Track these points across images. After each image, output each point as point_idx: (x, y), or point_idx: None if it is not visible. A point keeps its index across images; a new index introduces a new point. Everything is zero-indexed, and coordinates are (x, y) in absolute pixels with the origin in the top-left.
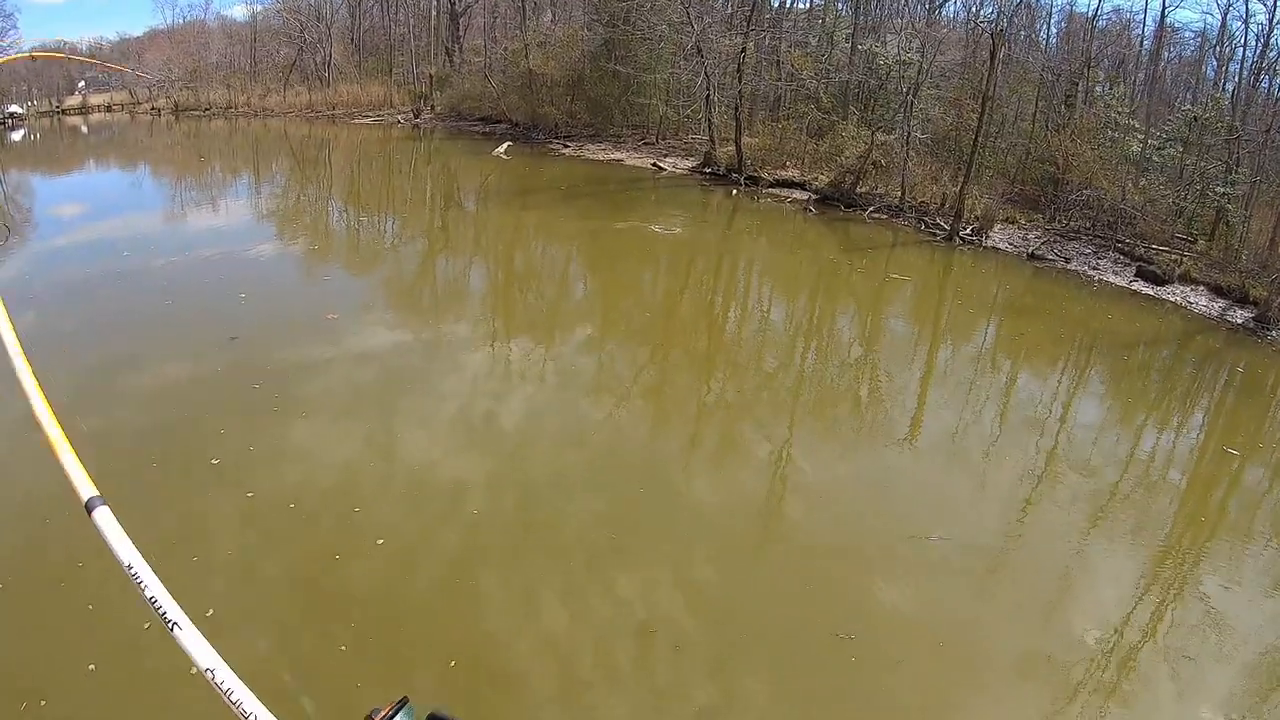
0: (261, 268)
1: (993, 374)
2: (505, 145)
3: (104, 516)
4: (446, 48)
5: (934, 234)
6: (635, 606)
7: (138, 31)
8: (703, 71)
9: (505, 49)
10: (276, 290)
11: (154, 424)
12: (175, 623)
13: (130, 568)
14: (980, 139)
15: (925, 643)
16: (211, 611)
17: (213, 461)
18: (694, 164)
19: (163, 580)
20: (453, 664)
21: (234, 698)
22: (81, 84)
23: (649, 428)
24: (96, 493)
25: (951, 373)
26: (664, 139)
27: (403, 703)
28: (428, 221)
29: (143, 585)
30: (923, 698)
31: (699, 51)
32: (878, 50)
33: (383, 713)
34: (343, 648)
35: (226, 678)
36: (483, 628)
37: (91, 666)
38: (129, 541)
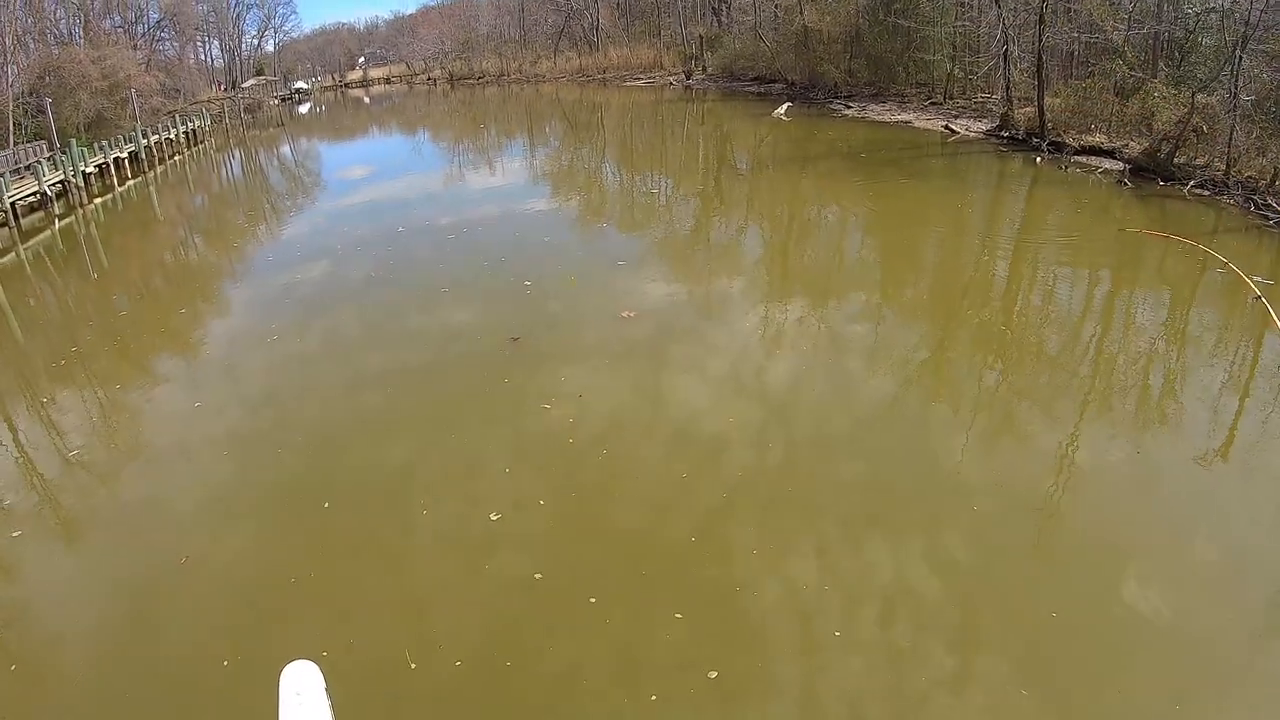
0: (538, 223)
1: None
2: (785, 106)
3: None
4: (714, 7)
5: (1265, 217)
6: (883, 573)
7: (411, 9)
8: (1000, 23)
9: (776, 6)
10: (554, 247)
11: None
12: None
13: None
14: None
15: (1181, 659)
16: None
17: (505, 381)
18: (989, 127)
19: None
20: (694, 607)
21: None
22: (361, 59)
23: (919, 398)
24: None
25: (1265, 382)
26: (951, 99)
27: None
28: (702, 183)
29: None
30: (1157, 700)
31: (996, 1)
32: None
33: None
34: (601, 568)
35: None
36: (730, 575)
37: None
38: None
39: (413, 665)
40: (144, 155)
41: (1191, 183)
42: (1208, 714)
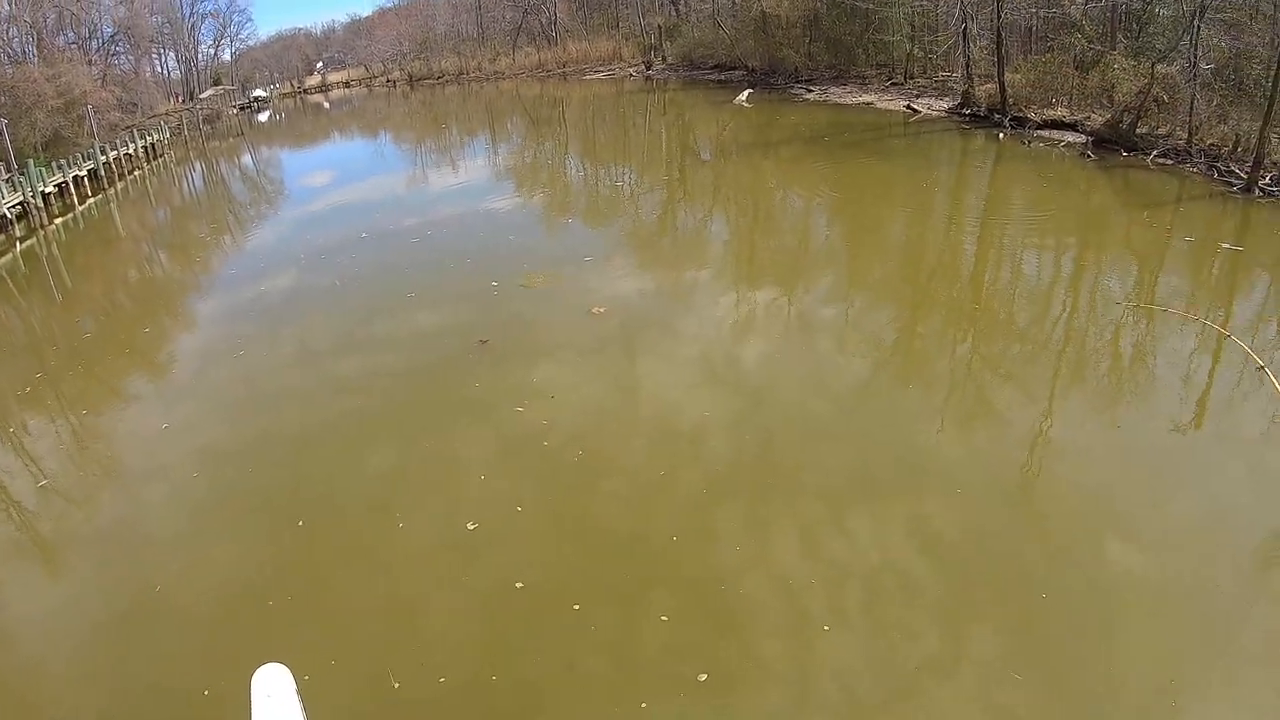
0: (503, 222)
1: None
2: (746, 93)
3: None
4: None
5: (1228, 183)
6: (869, 564)
7: (367, 11)
8: (959, 0)
9: None
10: (520, 246)
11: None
12: None
13: None
14: None
15: (1169, 626)
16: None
17: (475, 385)
18: (951, 105)
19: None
20: (679, 608)
21: None
22: (319, 64)
23: (894, 378)
24: None
25: (1234, 346)
26: (912, 78)
27: None
28: (666, 173)
29: None
30: (1152, 673)
31: None
32: None
33: None
34: (583, 573)
35: None
36: (714, 574)
37: None
38: None
39: (396, 684)
40: (103, 172)
41: (1154, 152)
42: (1200, 689)
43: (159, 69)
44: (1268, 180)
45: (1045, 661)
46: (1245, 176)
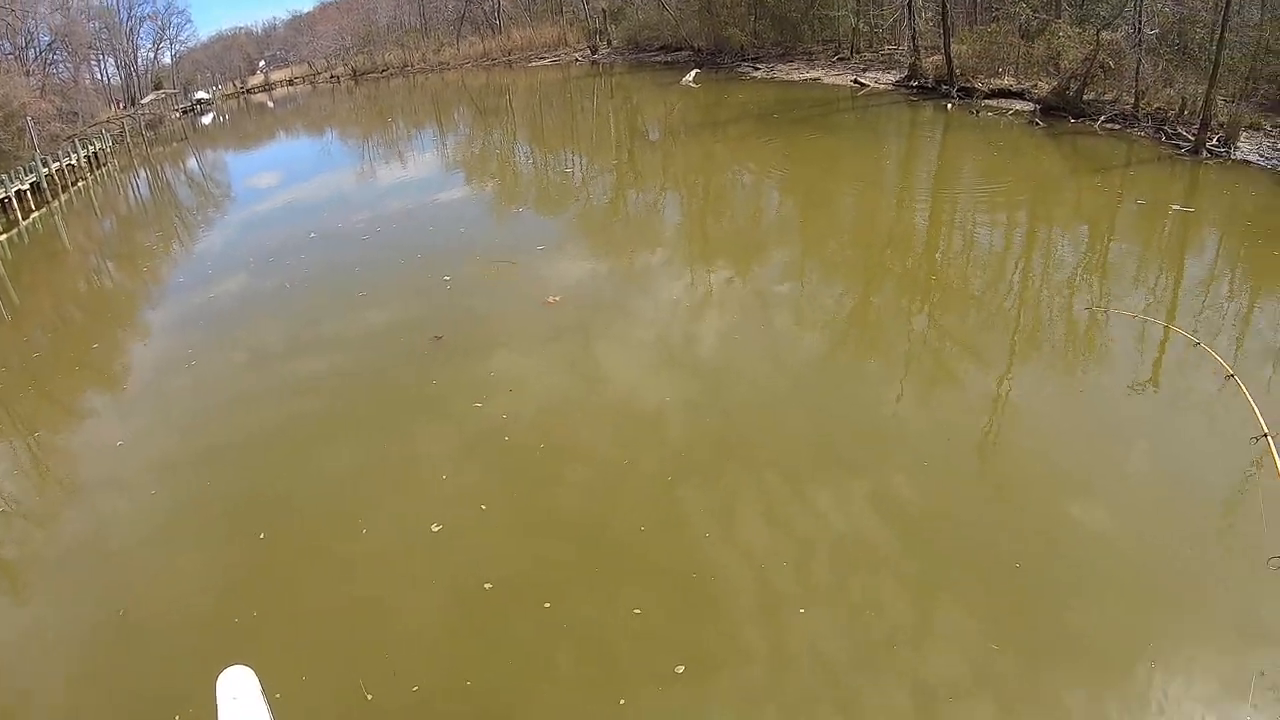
0: (453, 214)
1: (1245, 319)
2: (693, 73)
3: None
4: None
5: (1176, 146)
6: (839, 546)
7: (308, 6)
8: None
9: None
10: (471, 238)
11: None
12: None
13: None
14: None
15: (1135, 595)
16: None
17: (433, 382)
18: (898, 78)
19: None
20: (652, 600)
21: None
22: (262, 63)
23: (851, 350)
24: None
25: (1188, 307)
26: (859, 53)
27: None
28: (616, 157)
29: None
30: (1122, 639)
31: None
32: None
33: None
34: (552, 569)
35: None
36: (684, 563)
37: None
38: None
39: (369, 696)
40: (46, 185)
41: (1102, 118)
42: (1179, 651)
43: (99, 76)
44: (1214, 141)
45: (1022, 631)
46: (1192, 139)
